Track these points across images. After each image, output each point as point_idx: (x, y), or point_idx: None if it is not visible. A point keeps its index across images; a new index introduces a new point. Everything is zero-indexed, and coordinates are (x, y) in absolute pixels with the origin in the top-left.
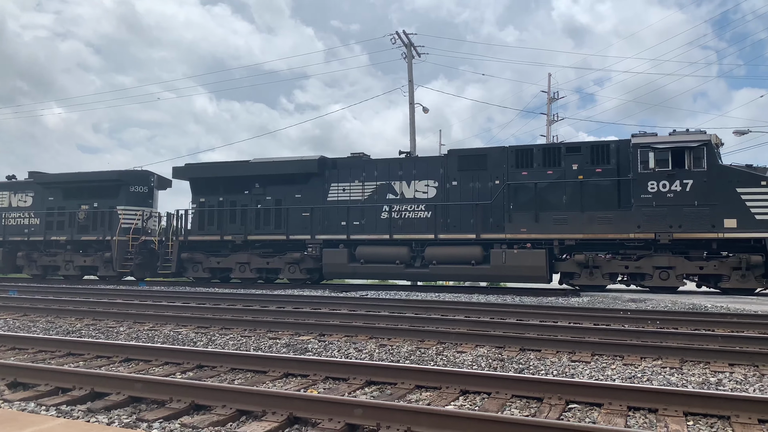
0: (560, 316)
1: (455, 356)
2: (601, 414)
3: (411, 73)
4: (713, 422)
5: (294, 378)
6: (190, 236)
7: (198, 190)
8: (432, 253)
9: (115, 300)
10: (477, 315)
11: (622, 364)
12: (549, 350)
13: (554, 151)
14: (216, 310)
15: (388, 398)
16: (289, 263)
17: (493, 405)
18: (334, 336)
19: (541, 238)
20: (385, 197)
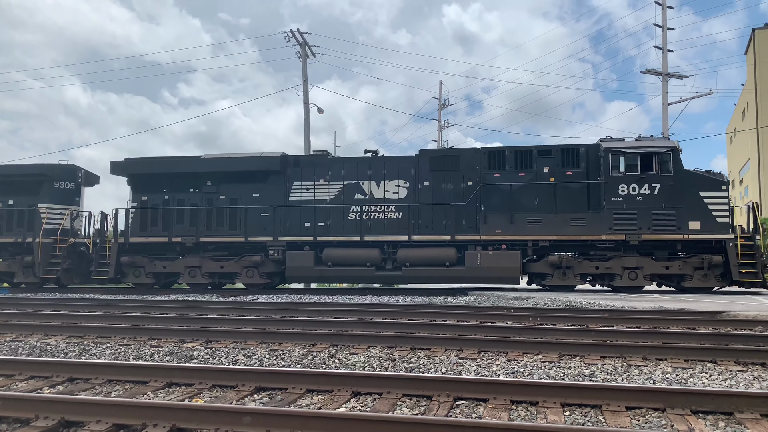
0: (449, 314)
1: (348, 358)
2: (487, 409)
3: (305, 73)
4: (587, 411)
5: (178, 387)
6: (131, 238)
7: (139, 188)
8: (405, 255)
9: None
10: (370, 316)
11: (506, 360)
12: (438, 348)
13: (526, 154)
14: (91, 318)
15: (278, 404)
16: (247, 267)
17: (384, 405)
18: (222, 342)
19: (516, 239)
20: (353, 197)
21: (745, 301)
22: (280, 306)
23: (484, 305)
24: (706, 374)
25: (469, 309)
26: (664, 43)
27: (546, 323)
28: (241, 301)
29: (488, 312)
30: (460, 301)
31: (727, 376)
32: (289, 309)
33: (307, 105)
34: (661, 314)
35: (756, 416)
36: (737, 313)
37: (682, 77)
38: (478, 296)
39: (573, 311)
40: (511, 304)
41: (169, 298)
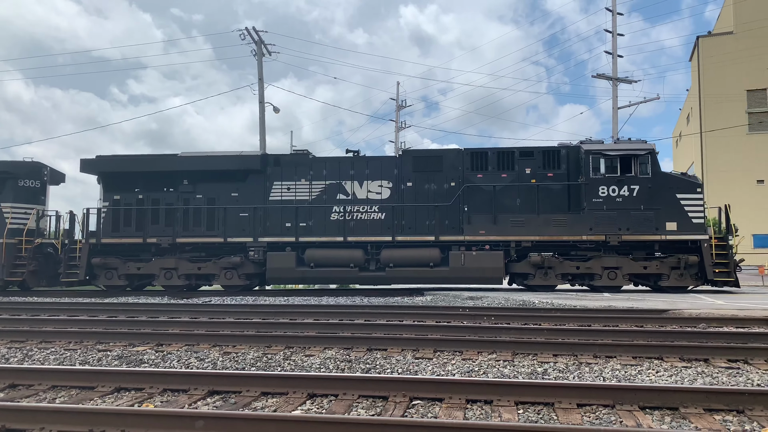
0: (405, 315)
1: (303, 360)
2: (443, 408)
3: (261, 72)
4: (540, 409)
5: (127, 392)
6: (103, 239)
7: (111, 187)
8: (389, 256)
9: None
10: (326, 317)
11: (461, 359)
12: (395, 349)
13: (508, 155)
14: (34, 322)
15: (232, 407)
16: (225, 268)
17: (340, 407)
18: (174, 345)
19: (499, 239)
20: (335, 197)
21: (689, 300)
22: (234, 308)
23: (440, 305)
24: (653, 371)
25: (426, 309)
26: (614, 49)
27: (500, 322)
28: (193, 303)
29: (444, 312)
30: (417, 301)
31: (673, 372)
32: (243, 311)
33: (263, 104)
34: (610, 313)
35: (699, 411)
36: (682, 311)
37: (631, 82)
38: (434, 296)
39: (526, 310)
40: (466, 303)
41: (119, 300)
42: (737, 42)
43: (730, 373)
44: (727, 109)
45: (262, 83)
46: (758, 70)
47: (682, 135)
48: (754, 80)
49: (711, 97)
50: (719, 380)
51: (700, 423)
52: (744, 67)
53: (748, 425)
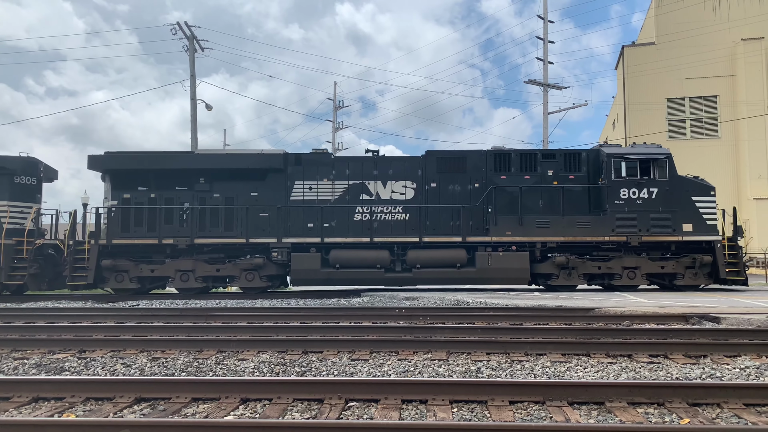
0: (342, 316)
1: (236, 364)
2: (378, 409)
3: (193, 68)
4: (474, 407)
5: (47, 402)
6: (114, 239)
7: (120, 184)
8: (415, 257)
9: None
10: (260, 320)
11: (397, 360)
12: (330, 351)
13: (531, 157)
14: None
15: (161, 414)
16: (246, 270)
17: (274, 411)
18: (98, 352)
19: (525, 240)
20: (358, 198)
21: (615, 299)
22: (163, 312)
23: (377, 306)
24: (581, 367)
25: (362, 310)
26: (545, 56)
27: (436, 322)
28: (119, 307)
29: (380, 313)
30: (354, 303)
31: (599, 368)
32: (172, 315)
33: (195, 101)
34: (541, 311)
35: (624, 404)
36: (608, 309)
37: (561, 88)
38: (371, 297)
39: (461, 309)
40: (402, 304)
41: (36, 305)
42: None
43: (651, 367)
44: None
45: (194, 80)
46: (677, 80)
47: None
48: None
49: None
50: (642, 375)
51: (624, 416)
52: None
53: (668, 417)
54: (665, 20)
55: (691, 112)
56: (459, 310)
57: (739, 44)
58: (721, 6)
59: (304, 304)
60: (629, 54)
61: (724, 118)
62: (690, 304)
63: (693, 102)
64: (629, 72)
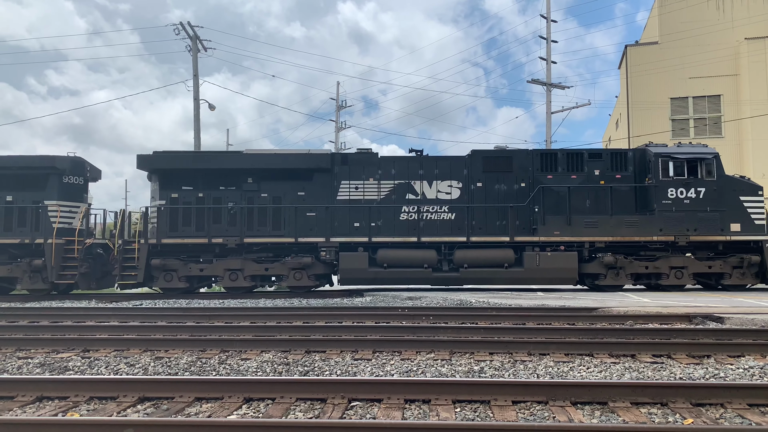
0: (345, 316)
1: (239, 364)
2: (381, 409)
3: (196, 68)
4: (476, 407)
5: (51, 401)
6: (163, 239)
7: (169, 184)
8: (463, 257)
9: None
10: (263, 320)
11: (400, 359)
12: (333, 350)
13: (577, 157)
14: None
15: (164, 414)
16: (294, 269)
17: (277, 410)
18: (102, 351)
19: (573, 240)
20: (404, 197)
21: (618, 299)
22: (167, 312)
23: (380, 306)
24: (584, 367)
25: (365, 310)
26: (548, 55)
27: (438, 322)
28: (123, 307)
29: (383, 313)
30: (356, 302)
31: (603, 368)
32: (176, 315)
33: (198, 101)
34: (544, 311)
35: (627, 404)
36: (611, 309)
37: (564, 88)
38: (373, 297)
39: (463, 309)
40: (405, 304)
41: (41, 305)
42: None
43: (654, 367)
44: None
45: (197, 80)
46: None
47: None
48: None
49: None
50: (645, 375)
51: (627, 416)
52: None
53: (672, 417)
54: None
55: (694, 111)
56: (462, 309)
57: (742, 43)
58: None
59: (306, 304)
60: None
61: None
62: (693, 304)
63: (696, 101)
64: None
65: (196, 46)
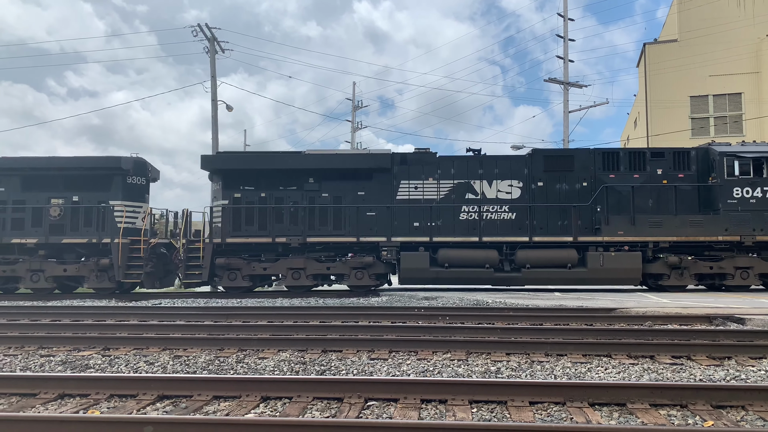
0: (361, 316)
1: (257, 363)
2: (397, 408)
3: (214, 69)
4: (493, 407)
5: (72, 399)
6: (228, 238)
7: (232, 184)
8: (525, 257)
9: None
10: (280, 319)
11: (416, 359)
12: (350, 350)
13: (640, 155)
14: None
15: (183, 412)
16: (355, 268)
17: (294, 409)
18: (122, 349)
19: (637, 240)
20: (463, 197)
21: (636, 299)
22: (185, 310)
23: (396, 306)
24: (602, 368)
25: (381, 310)
26: (565, 54)
27: (455, 322)
28: (142, 306)
29: (399, 312)
30: (372, 302)
31: (621, 369)
32: (194, 314)
33: (216, 102)
34: (561, 312)
35: (645, 406)
36: (629, 309)
37: (582, 86)
38: (390, 297)
39: (480, 310)
40: (421, 304)
41: (62, 303)
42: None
43: (674, 369)
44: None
45: (215, 81)
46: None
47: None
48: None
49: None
50: (664, 376)
51: (646, 418)
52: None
53: (691, 419)
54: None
55: (714, 109)
56: (478, 310)
57: (764, 40)
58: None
59: (323, 303)
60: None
61: (749, 115)
62: (714, 305)
63: (717, 99)
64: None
65: (214, 48)
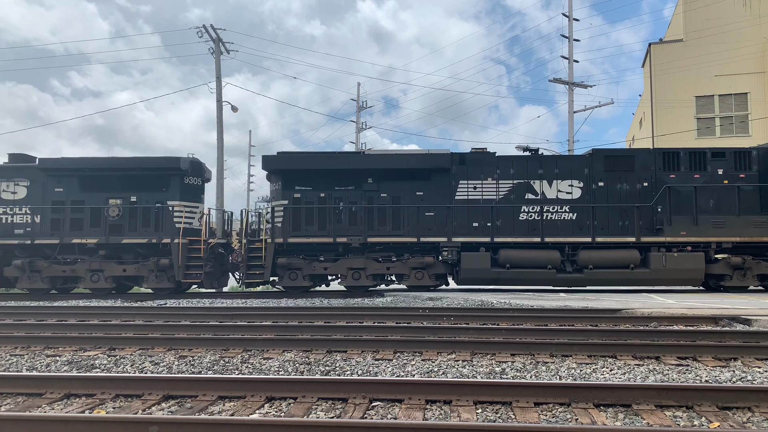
0: (366, 316)
1: (261, 363)
2: (402, 409)
3: (219, 70)
4: (498, 408)
5: (78, 399)
6: (289, 238)
7: (291, 184)
8: (587, 257)
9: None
10: (285, 320)
11: (421, 360)
12: (354, 350)
13: (700, 156)
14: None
15: (188, 412)
16: (415, 268)
17: (299, 409)
18: (127, 350)
19: (700, 241)
20: (523, 197)
21: (641, 299)
22: (190, 311)
23: (401, 306)
24: (607, 369)
25: (386, 310)
26: (570, 54)
27: (459, 323)
28: (147, 306)
29: (404, 313)
30: (377, 302)
31: (626, 370)
32: (199, 314)
33: (221, 103)
34: (566, 312)
35: (651, 407)
36: (635, 310)
37: (587, 87)
38: (394, 297)
39: (485, 310)
40: (426, 304)
41: (68, 303)
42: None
43: (680, 370)
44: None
45: (220, 82)
46: (706, 78)
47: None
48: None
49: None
50: (670, 377)
51: (651, 419)
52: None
53: (697, 420)
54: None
55: (720, 109)
56: (483, 310)
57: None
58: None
59: (328, 304)
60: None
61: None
62: (720, 305)
63: (723, 99)
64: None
65: (219, 49)
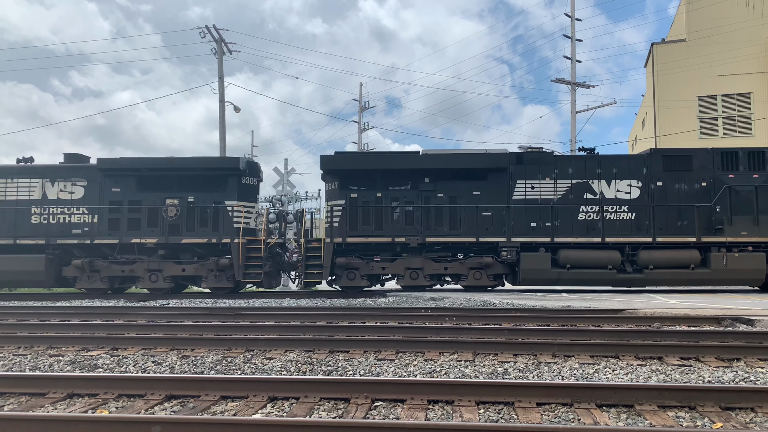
0: (368, 316)
1: (264, 363)
2: (404, 409)
3: (221, 70)
4: (500, 408)
5: (80, 398)
6: (347, 237)
7: (347, 184)
8: (648, 258)
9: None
10: (287, 320)
11: (423, 360)
12: (357, 350)
13: (759, 155)
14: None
15: (190, 412)
16: (473, 268)
17: (301, 409)
18: (130, 349)
19: (761, 241)
20: (581, 197)
21: (644, 300)
22: (193, 311)
23: (403, 306)
24: (610, 369)
25: (388, 310)
26: (572, 54)
27: (462, 323)
28: (150, 306)
29: (406, 313)
30: (380, 302)
31: (629, 371)
32: (202, 314)
33: (224, 103)
34: (568, 312)
35: (654, 408)
36: (637, 310)
37: (589, 86)
38: (396, 297)
39: (487, 310)
40: (428, 304)
41: (71, 304)
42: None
43: (682, 370)
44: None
45: (222, 82)
46: (709, 78)
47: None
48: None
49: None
50: (672, 378)
51: (654, 419)
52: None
53: (700, 421)
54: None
55: (723, 109)
56: (485, 311)
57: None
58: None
59: (330, 304)
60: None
61: (758, 115)
62: (723, 305)
63: (725, 99)
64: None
65: (221, 49)
